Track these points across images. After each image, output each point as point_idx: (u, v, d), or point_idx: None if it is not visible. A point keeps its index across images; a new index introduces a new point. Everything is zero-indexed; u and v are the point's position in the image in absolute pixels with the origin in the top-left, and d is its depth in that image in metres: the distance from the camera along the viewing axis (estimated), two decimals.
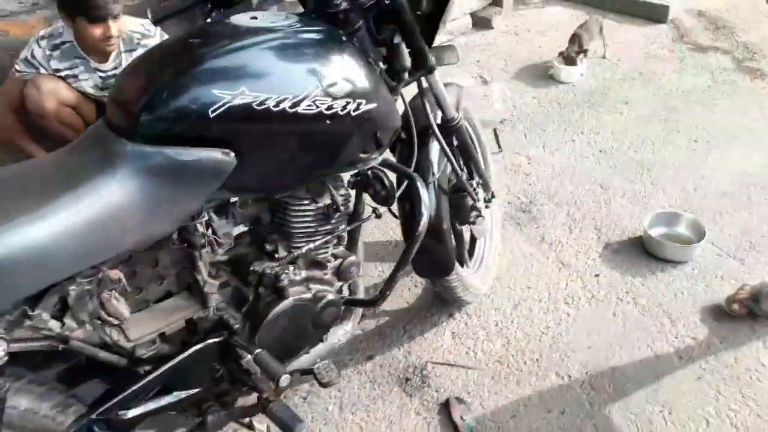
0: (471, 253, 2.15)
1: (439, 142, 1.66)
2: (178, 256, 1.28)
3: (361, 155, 1.36)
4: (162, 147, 1.10)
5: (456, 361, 1.89)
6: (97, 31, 2.32)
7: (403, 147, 1.65)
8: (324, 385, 1.43)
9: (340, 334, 1.64)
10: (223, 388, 1.39)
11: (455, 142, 1.79)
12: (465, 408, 1.74)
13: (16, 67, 2.49)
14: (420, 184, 1.47)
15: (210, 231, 1.26)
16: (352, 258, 1.51)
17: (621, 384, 1.79)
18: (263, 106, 1.14)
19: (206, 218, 1.23)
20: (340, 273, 1.50)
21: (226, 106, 1.11)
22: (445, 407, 1.74)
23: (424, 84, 1.62)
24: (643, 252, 2.28)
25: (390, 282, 1.49)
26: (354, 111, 1.25)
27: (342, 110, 1.23)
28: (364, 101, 1.26)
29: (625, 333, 1.96)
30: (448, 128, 1.74)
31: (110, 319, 1.18)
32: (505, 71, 3.72)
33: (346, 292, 1.59)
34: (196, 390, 1.33)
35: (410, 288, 2.15)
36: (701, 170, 2.74)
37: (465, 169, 1.90)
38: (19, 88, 2.50)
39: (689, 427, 1.67)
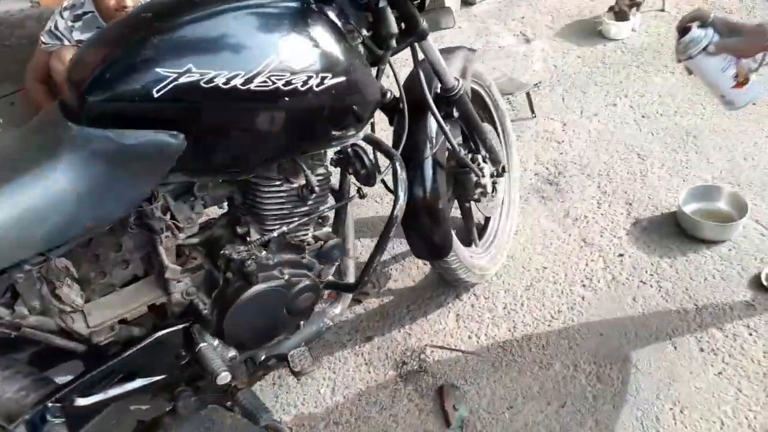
0: (484, 231, 2.03)
1: (434, 115, 1.54)
2: (140, 240, 1.25)
3: (335, 132, 1.27)
4: (107, 130, 1.06)
5: (457, 345, 1.80)
6: (110, 1, 2.30)
7: (400, 120, 1.54)
8: (296, 374, 1.39)
9: (328, 317, 1.58)
10: (196, 373, 1.37)
11: (456, 114, 1.66)
12: (460, 396, 1.66)
13: (42, 39, 2.51)
14: (399, 163, 1.38)
15: (168, 215, 1.21)
16: (335, 240, 1.44)
17: (631, 376, 1.65)
18: (212, 84, 1.07)
19: (161, 202, 1.18)
20: (321, 256, 1.43)
21: (172, 85, 1.05)
22: (439, 394, 1.67)
23: (419, 53, 1.50)
24: (676, 230, 2.07)
25: (369, 265, 1.42)
26: (317, 86, 1.16)
27: (303, 86, 1.15)
28: (329, 75, 1.17)
29: (644, 320, 1.80)
30: (447, 99, 1.61)
31: (64, 306, 1.16)
32: (550, 28, 3.48)
33: (331, 276, 1.52)
34: (164, 376, 1.31)
35: (418, 266, 2.06)
36: (755, 137, 2.46)
37: (471, 142, 1.78)
38: (45, 60, 2.53)
39: (700, 428, 1.52)
